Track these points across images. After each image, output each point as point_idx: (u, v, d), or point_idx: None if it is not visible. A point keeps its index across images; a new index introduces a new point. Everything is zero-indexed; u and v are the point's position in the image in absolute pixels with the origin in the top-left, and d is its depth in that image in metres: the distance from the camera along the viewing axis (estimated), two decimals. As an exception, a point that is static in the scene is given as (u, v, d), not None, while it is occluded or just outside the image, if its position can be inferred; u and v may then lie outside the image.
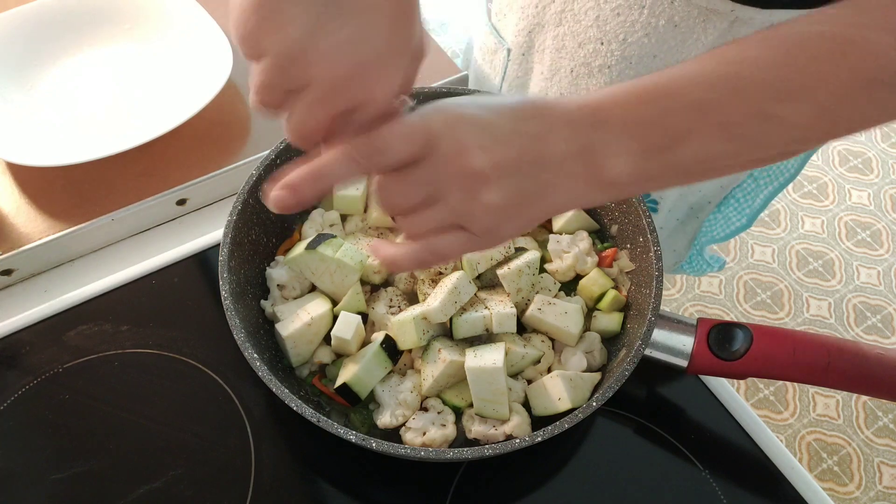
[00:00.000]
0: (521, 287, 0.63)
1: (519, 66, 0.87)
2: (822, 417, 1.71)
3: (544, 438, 0.53)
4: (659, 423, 0.66)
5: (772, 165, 0.88)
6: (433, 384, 0.60)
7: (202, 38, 0.87)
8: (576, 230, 0.70)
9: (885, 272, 1.97)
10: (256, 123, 0.85)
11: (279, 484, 0.61)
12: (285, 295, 0.65)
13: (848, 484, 1.61)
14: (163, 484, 0.60)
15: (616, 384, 0.56)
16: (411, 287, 0.66)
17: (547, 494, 0.62)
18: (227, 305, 0.58)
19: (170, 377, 0.66)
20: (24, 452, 0.62)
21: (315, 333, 0.62)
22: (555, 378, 0.59)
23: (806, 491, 0.63)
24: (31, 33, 0.88)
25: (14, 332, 0.68)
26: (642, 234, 0.65)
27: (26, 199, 0.77)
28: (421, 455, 0.53)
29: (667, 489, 0.63)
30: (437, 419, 0.60)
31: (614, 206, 0.70)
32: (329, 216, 0.69)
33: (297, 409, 0.53)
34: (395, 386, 0.61)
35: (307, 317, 0.61)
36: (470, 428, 0.60)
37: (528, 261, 0.63)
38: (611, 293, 0.66)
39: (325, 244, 0.62)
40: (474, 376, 0.58)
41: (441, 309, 0.60)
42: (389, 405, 0.60)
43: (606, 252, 0.69)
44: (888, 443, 1.67)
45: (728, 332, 0.59)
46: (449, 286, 0.61)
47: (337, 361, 0.63)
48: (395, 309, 0.64)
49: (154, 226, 0.79)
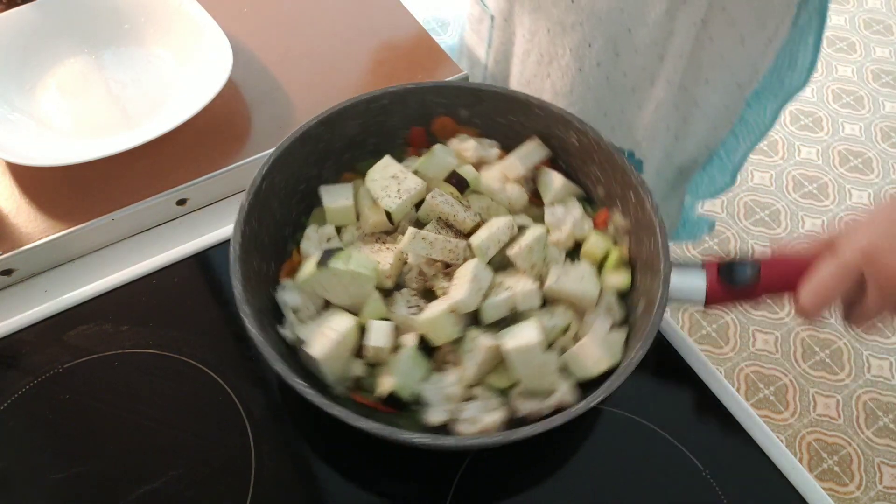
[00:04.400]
0: (534, 262, 0.65)
1: (503, 31, 0.89)
2: (823, 417, 1.70)
3: (604, 396, 0.54)
4: (659, 423, 0.66)
5: (749, 120, 0.90)
6: (476, 372, 0.60)
7: (202, 38, 0.87)
8: (564, 199, 0.71)
9: (885, 272, 1.96)
10: (256, 123, 0.85)
11: (279, 484, 0.61)
12: (301, 317, 0.63)
13: (848, 484, 1.61)
14: (163, 484, 0.60)
15: (653, 331, 0.57)
16: (423, 285, 0.66)
17: (547, 494, 0.62)
18: (259, 341, 0.55)
19: (170, 377, 0.66)
20: (24, 452, 0.62)
21: (347, 349, 0.60)
22: (587, 343, 0.60)
23: (806, 491, 0.63)
24: (31, 33, 0.88)
25: (14, 332, 0.68)
26: (632, 190, 0.66)
27: (26, 199, 0.77)
28: (469, 443, 0.53)
29: (667, 489, 0.63)
30: (485, 406, 0.60)
31: (597, 168, 0.70)
32: (324, 231, 0.68)
33: (378, 430, 0.51)
34: (437, 382, 0.61)
35: (335, 334, 0.59)
36: (519, 407, 0.60)
37: (537, 236, 0.64)
38: (614, 252, 0.67)
39: (335, 258, 0.61)
40: (516, 355, 0.59)
41: (469, 298, 0.60)
42: (436, 402, 0.60)
43: (598, 214, 0.71)
44: (888, 443, 1.67)
45: (737, 264, 0.62)
46: (469, 276, 0.61)
47: (371, 371, 0.62)
48: (416, 309, 0.63)
49: (154, 226, 0.79)
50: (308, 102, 0.87)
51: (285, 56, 0.92)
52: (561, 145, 0.72)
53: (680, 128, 0.89)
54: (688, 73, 0.81)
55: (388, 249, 0.66)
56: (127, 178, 0.78)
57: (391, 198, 0.67)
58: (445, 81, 0.72)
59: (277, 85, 0.89)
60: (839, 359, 1.81)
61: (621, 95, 0.84)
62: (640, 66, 0.80)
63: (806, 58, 0.81)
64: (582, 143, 0.70)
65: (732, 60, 0.79)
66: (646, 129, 0.87)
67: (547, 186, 0.72)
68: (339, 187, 0.70)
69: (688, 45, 0.77)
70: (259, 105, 0.87)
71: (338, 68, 0.91)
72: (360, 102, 0.70)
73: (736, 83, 0.83)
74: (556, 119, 0.71)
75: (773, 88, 0.86)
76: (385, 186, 0.67)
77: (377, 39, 0.95)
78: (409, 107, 0.73)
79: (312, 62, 0.92)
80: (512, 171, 0.71)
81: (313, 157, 0.70)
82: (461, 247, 0.64)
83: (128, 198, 0.76)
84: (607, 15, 0.76)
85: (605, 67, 0.81)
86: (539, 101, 0.72)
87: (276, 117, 0.86)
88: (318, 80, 0.90)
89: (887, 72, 2.55)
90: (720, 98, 0.85)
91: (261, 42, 0.93)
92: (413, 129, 0.75)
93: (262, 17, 0.97)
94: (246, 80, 0.89)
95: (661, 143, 0.90)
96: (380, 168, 0.69)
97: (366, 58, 0.93)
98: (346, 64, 0.92)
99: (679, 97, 0.84)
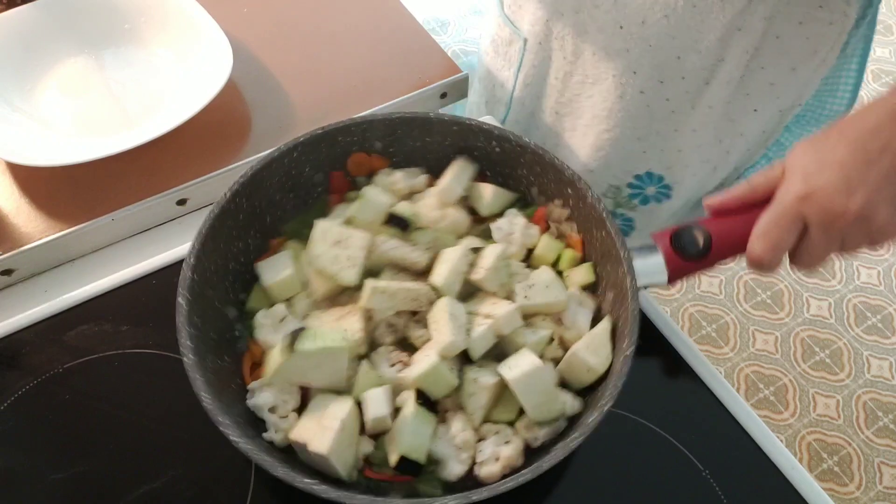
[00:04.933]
0: (503, 282, 0.63)
1: (535, 55, 0.87)
2: (822, 417, 1.70)
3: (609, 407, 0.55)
4: (659, 423, 0.66)
5: (785, 144, 0.88)
6: (482, 413, 0.58)
7: (202, 38, 0.87)
8: (500, 208, 0.71)
9: (885, 272, 1.97)
10: (256, 123, 0.85)
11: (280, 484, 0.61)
12: (281, 414, 0.59)
13: (848, 484, 1.61)
14: (163, 484, 0.60)
15: (635, 323, 0.57)
16: (395, 337, 0.63)
17: (547, 494, 0.62)
18: (259, 459, 0.52)
19: (170, 377, 0.66)
20: (24, 452, 0.62)
21: (351, 434, 0.56)
22: (576, 353, 0.59)
23: (806, 491, 0.63)
24: (31, 33, 0.88)
25: (14, 332, 0.68)
26: (569, 186, 0.66)
27: (26, 199, 0.77)
28: (503, 488, 0.51)
29: (667, 489, 0.63)
30: (500, 440, 0.58)
31: (526, 170, 0.70)
32: (276, 312, 0.63)
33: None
34: (445, 435, 0.58)
35: (336, 423, 0.55)
36: (536, 436, 0.58)
37: (498, 254, 0.63)
38: (566, 253, 0.67)
39: (301, 340, 0.55)
40: (522, 386, 0.57)
41: (456, 338, 0.58)
42: (451, 455, 0.57)
43: (535, 213, 0.70)
44: (888, 443, 1.67)
45: (686, 234, 0.62)
46: (445, 316, 0.59)
47: (377, 445, 0.58)
48: (400, 365, 0.60)
49: (154, 226, 0.79)
50: (308, 102, 0.87)
51: (285, 56, 0.92)
52: (484, 156, 0.71)
53: (721, 159, 0.87)
54: (735, 103, 0.79)
55: (350, 313, 0.62)
56: (127, 178, 0.78)
57: (346, 270, 0.62)
58: (353, 119, 0.69)
59: (277, 85, 0.89)
60: (839, 359, 1.81)
61: (658, 120, 0.82)
62: (683, 90, 0.78)
63: (849, 82, 0.80)
64: (505, 149, 0.69)
65: (782, 89, 0.78)
66: (679, 153, 0.86)
67: (479, 200, 0.70)
68: (275, 259, 0.65)
69: (737, 73, 0.75)
70: (259, 105, 0.87)
71: (338, 68, 0.91)
72: (271, 161, 0.66)
73: (779, 110, 0.82)
74: (473, 131, 0.69)
75: (815, 113, 0.85)
76: (334, 258, 0.62)
77: (377, 39, 0.95)
78: (322, 152, 0.69)
79: (312, 62, 0.92)
80: (450, 195, 0.69)
81: (235, 231, 0.65)
82: (423, 292, 0.61)
83: (128, 198, 0.76)
84: (657, 42, 0.74)
85: (648, 95, 0.79)
86: (451, 117, 0.70)
87: (276, 117, 0.86)
88: (318, 80, 0.90)
89: (887, 72, 2.55)
90: (761, 125, 0.83)
91: (261, 42, 0.93)
92: (333, 175, 0.71)
93: (262, 17, 0.97)
94: (246, 80, 0.89)
95: (696, 173, 0.89)
96: (318, 239, 0.63)
97: (366, 58, 0.93)
98: (346, 64, 0.92)
99: (724, 129, 0.82)
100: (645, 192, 0.92)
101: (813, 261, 0.56)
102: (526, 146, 0.68)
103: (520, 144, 0.68)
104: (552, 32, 0.83)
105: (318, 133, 0.68)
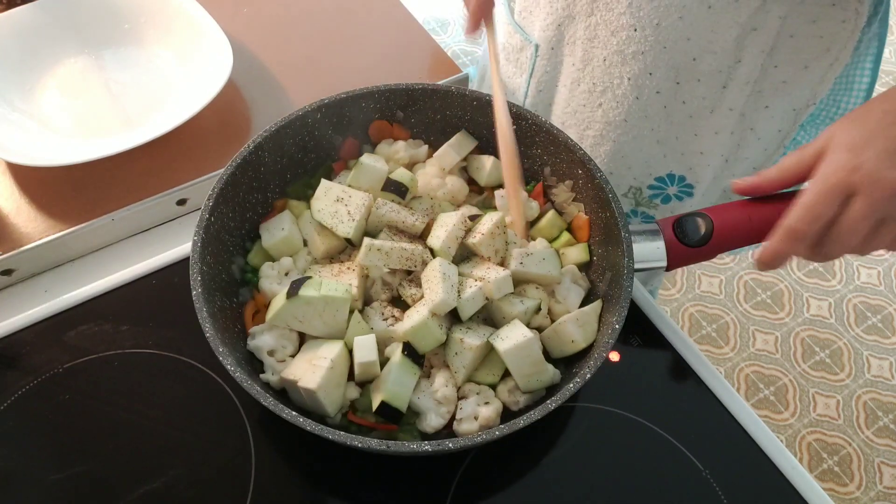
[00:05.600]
0: (497, 248, 0.65)
1: (547, 60, 0.87)
2: (823, 417, 1.70)
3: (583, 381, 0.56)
4: (659, 422, 0.66)
5: (801, 142, 0.89)
6: (465, 373, 0.61)
7: (202, 38, 0.87)
8: (500, 180, 0.72)
9: (885, 272, 1.97)
10: (256, 123, 0.85)
11: (279, 483, 0.61)
12: (279, 358, 0.62)
13: (848, 484, 1.61)
14: (163, 484, 0.60)
15: (626, 301, 0.59)
16: (389, 295, 0.65)
17: (548, 494, 0.62)
18: (253, 390, 0.54)
19: (170, 377, 0.66)
20: (24, 452, 0.62)
21: (340, 374, 0.59)
22: (564, 323, 0.62)
23: (806, 491, 0.63)
24: (31, 33, 0.88)
25: (14, 332, 0.68)
26: (580, 167, 0.68)
27: (26, 199, 0.77)
28: (474, 442, 0.53)
29: (667, 489, 0.63)
30: (480, 400, 0.61)
31: (541, 149, 0.72)
32: (282, 265, 0.66)
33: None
34: (427, 389, 0.61)
35: (326, 362, 0.58)
36: (517, 400, 0.61)
37: (496, 221, 0.65)
38: (564, 235, 0.70)
39: (305, 287, 0.59)
40: (512, 356, 0.59)
41: (447, 297, 0.60)
42: (430, 408, 0.60)
43: (535, 188, 0.73)
44: (888, 443, 1.67)
45: (689, 222, 0.63)
46: (438, 276, 0.61)
47: (363, 392, 0.61)
48: (392, 319, 0.63)
49: (154, 226, 0.79)
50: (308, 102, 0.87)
51: (285, 56, 0.92)
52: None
53: (732, 152, 0.88)
54: (748, 99, 0.80)
55: (350, 269, 0.65)
56: (127, 178, 0.78)
57: (345, 224, 0.65)
58: (376, 86, 0.71)
59: (277, 85, 0.89)
60: (839, 359, 1.81)
61: (678, 123, 0.83)
62: (700, 94, 0.79)
63: (863, 81, 0.80)
64: (521, 127, 0.72)
65: (794, 87, 0.78)
66: (702, 156, 0.86)
67: (479, 170, 0.73)
68: (276, 220, 0.68)
69: (755, 73, 0.76)
70: (259, 105, 0.87)
71: (338, 68, 0.91)
72: (295, 119, 0.69)
73: (792, 108, 0.82)
74: (492, 107, 0.71)
75: (829, 111, 0.85)
76: (334, 213, 0.66)
77: (377, 39, 0.95)
78: (345, 116, 0.72)
79: (312, 62, 0.92)
80: (447, 160, 0.72)
81: (256, 183, 0.68)
82: (417, 252, 0.64)
83: (128, 198, 0.76)
84: (673, 44, 0.74)
85: (665, 96, 0.80)
86: (471, 92, 0.72)
87: (276, 118, 0.85)
88: (318, 81, 0.90)
89: (887, 72, 2.55)
90: (776, 123, 0.84)
91: (261, 42, 0.93)
92: (347, 140, 0.74)
93: (262, 17, 0.97)
94: (246, 80, 0.89)
95: (711, 167, 0.89)
96: (321, 195, 0.67)
97: (366, 58, 0.93)
98: (346, 64, 0.92)
99: (736, 123, 0.83)
100: (667, 191, 0.92)
101: (844, 240, 0.55)
102: (542, 125, 0.70)
103: (535, 123, 0.70)
104: (564, 37, 0.83)
105: (342, 96, 0.71)
